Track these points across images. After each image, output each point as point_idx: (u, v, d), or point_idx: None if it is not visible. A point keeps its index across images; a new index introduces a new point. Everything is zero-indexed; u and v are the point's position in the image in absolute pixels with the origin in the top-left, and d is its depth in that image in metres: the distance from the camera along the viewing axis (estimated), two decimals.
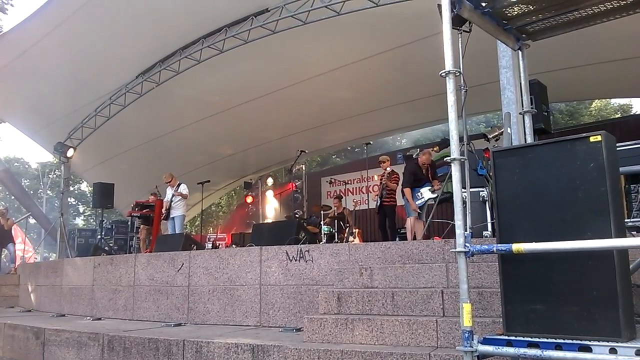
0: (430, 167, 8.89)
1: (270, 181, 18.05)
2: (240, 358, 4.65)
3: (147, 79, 11.49)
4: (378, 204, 9.85)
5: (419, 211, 8.62)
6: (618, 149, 3.43)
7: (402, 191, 8.95)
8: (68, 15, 9.74)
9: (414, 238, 8.23)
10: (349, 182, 15.58)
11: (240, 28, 9.82)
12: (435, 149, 8.88)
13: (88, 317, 7.84)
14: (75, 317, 8.05)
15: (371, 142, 14.42)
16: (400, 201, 9.74)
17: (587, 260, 2.82)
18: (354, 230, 11.48)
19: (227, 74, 11.51)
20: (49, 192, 34.28)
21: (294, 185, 15.12)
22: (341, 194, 14.87)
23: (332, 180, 16.04)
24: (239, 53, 10.19)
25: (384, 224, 9.88)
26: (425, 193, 8.60)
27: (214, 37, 10.23)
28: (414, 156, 9.52)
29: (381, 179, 9.97)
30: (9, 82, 12.09)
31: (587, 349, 2.68)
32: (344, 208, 12.84)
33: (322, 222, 11.26)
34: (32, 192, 33.90)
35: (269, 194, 17.69)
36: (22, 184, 30.55)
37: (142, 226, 12.60)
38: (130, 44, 10.64)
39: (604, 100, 27.00)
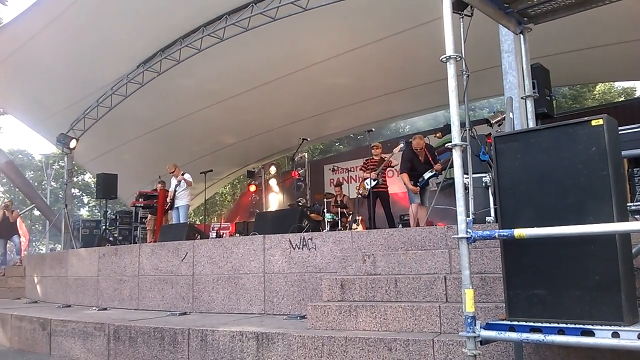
0: (428, 151, 8.73)
1: (273, 169, 18.05)
2: (245, 346, 4.68)
3: (148, 69, 11.45)
4: (371, 186, 9.56)
5: (417, 190, 8.51)
6: (621, 132, 3.42)
7: (402, 178, 8.87)
8: (68, 6, 9.69)
9: (417, 225, 8.20)
10: (352, 169, 15.54)
11: (241, 15, 9.76)
12: (437, 134, 8.86)
13: (94, 308, 7.89)
14: (81, 308, 8.10)
15: (373, 129, 14.40)
16: (392, 189, 9.69)
17: (589, 244, 2.82)
18: (357, 218, 11.48)
19: (228, 62, 11.46)
20: (53, 183, 34.36)
21: (296, 173, 15.12)
22: (343, 180, 14.86)
23: (335, 168, 16.00)
24: (239, 41, 10.13)
25: (374, 208, 9.70)
26: (425, 174, 8.53)
27: (214, 25, 10.17)
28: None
29: (376, 165, 9.79)
30: (10, 74, 12.07)
31: (590, 334, 2.68)
32: (345, 195, 12.85)
33: (325, 210, 11.26)
34: (36, 183, 33.99)
35: (272, 182, 17.70)
36: (26, 175, 30.64)
37: (149, 216, 12.65)
38: (131, 34, 10.59)
39: (607, 83, 26.81)
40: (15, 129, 70.79)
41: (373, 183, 9.50)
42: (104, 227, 13.26)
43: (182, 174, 11.31)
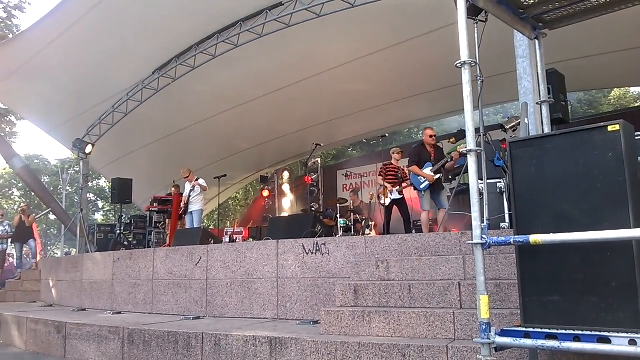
0: (435, 148, 8.48)
1: (286, 175, 18.09)
2: (258, 351, 4.69)
3: (163, 75, 11.53)
4: (393, 197, 9.34)
5: (433, 177, 8.16)
6: (637, 138, 3.39)
7: (409, 171, 8.55)
8: (84, 13, 9.81)
9: (432, 231, 8.08)
10: (365, 175, 15.57)
11: (255, 22, 9.81)
12: (451, 140, 8.77)
13: (108, 311, 7.94)
14: (96, 311, 8.16)
15: (387, 135, 14.33)
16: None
17: (606, 251, 2.79)
18: (370, 223, 11.46)
19: (243, 68, 11.52)
20: (68, 188, 34.69)
21: (310, 178, 15.14)
22: (357, 187, 14.84)
23: (348, 174, 15.99)
24: (254, 47, 10.17)
25: (390, 217, 9.46)
26: (426, 169, 8.25)
27: (229, 32, 10.22)
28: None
29: (395, 171, 9.65)
30: (27, 80, 12.23)
31: (606, 341, 2.66)
32: (361, 201, 12.83)
33: (338, 215, 11.26)
34: (52, 188, 34.30)
35: (285, 187, 17.73)
36: (42, 180, 30.95)
37: (168, 220, 12.77)
38: (146, 40, 10.69)
39: (623, 88, 26.58)
40: (31, 134, 71.80)
41: (398, 196, 9.31)
42: (118, 232, 13.36)
43: (197, 179, 11.38)
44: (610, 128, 2.86)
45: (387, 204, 9.34)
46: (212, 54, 10.61)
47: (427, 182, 8.22)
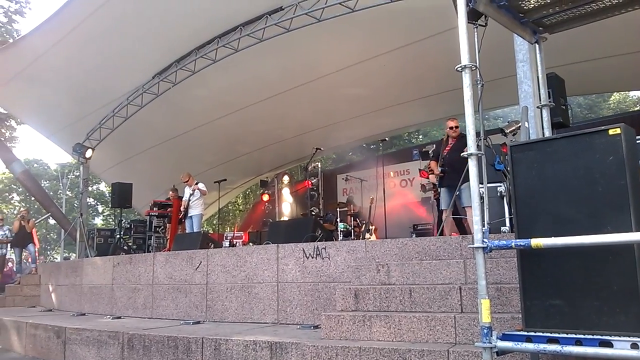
0: (459, 138, 7.67)
1: (286, 179, 18.08)
2: (258, 355, 4.67)
3: (163, 79, 11.55)
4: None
5: (439, 174, 7.64)
6: (638, 142, 3.39)
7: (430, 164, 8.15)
8: (84, 18, 9.83)
9: (466, 231, 7.26)
10: (365, 179, 15.53)
11: (255, 27, 9.83)
12: None
13: (108, 316, 7.92)
14: (96, 316, 8.14)
15: (387, 139, 14.35)
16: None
17: (607, 254, 2.79)
18: (370, 227, 11.46)
19: (243, 73, 11.53)
20: (68, 192, 34.66)
21: (310, 182, 15.13)
22: (352, 193, 14.85)
23: (348, 178, 16.00)
24: (254, 52, 10.20)
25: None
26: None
27: (229, 37, 10.24)
28: None
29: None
30: (27, 85, 12.24)
31: (608, 344, 2.64)
32: (357, 207, 12.84)
33: (338, 219, 11.25)
34: (51, 192, 34.29)
35: (285, 192, 17.72)
36: (42, 185, 30.93)
37: (167, 225, 12.78)
38: (146, 45, 10.70)
39: (622, 93, 26.63)
40: (31, 138, 71.81)
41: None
42: (118, 236, 13.34)
43: (196, 184, 11.38)
44: (611, 132, 2.85)
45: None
46: (212, 59, 10.63)
47: (438, 179, 7.79)
